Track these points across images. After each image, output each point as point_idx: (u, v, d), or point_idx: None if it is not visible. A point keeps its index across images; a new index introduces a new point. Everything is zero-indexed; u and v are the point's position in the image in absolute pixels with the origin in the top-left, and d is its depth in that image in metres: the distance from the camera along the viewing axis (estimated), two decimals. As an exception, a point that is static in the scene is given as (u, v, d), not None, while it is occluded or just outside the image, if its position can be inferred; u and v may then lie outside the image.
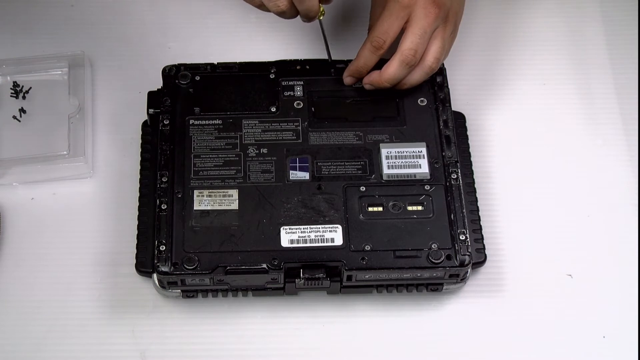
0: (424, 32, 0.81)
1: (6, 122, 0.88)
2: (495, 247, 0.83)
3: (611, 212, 0.85)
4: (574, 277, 0.83)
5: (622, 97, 0.91)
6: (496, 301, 0.81)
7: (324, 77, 0.87)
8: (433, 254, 0.78)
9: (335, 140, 0.83)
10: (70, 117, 0.88)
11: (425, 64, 0.83)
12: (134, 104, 0.89)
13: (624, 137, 0.89)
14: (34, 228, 0.84)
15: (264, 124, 0.84)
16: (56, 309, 0.81)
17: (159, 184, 0.81)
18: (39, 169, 0.85)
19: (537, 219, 0.85)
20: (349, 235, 0.78)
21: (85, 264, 0.82)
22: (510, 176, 0.87)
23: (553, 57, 0.94)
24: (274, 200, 0.80)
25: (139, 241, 0.80)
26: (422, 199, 0.80)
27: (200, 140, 0.83)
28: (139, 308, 0.81)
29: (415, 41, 0.81)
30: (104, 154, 0.88)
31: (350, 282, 0.79)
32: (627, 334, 0.80)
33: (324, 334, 0.80)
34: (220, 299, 0.81)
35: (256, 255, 0.78)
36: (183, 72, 0.86)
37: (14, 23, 0.95)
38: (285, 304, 0.81)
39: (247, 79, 0.86)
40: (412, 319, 0.81)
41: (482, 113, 0.90)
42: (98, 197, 0.86)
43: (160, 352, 0.79)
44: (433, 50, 0.83)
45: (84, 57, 0.91)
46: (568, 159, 0.88)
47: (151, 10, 0.96)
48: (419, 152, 0.83)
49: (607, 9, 0.96)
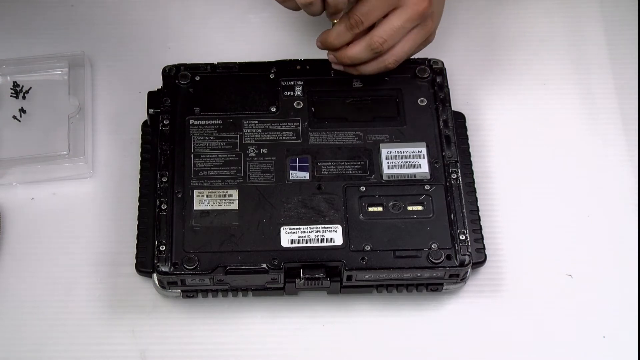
0: (402, 27, 0.81)
1: (6, 122, 0.88)
2: (495, 247, 0.83)
3: (611, 212, 0.85)
4: (574, 277, 0.83)
5: (622, 97, 0.91)
6: (496, 301, 0.81)
7: (324, 77, 0.87)
8: (433, 254, 0.78)
9: (335, 140, 0.83)
10: (70, 117, 0.88)
11: (384, 60, 0.83)
12: (134, 104, 0.89)
13: (624, 137, 0.89)
14: (34, 228, 0.84)
15: (264, 124, 0.84)
16: (56, 309, 0.81)
17: (159, 184, 0.81)
18: (39, 169, 0.85)
19: (537, 219, 0.85)
20: (349, 235, 0.78)
21: (85, 264, 0.82)
22: (510, 176, 0.87)
23: (553, 57, 0.94)
24: (274, 200, 0.80)
25: (139, 241, 0.80)
26: (422, 199, 0.80)
27: (200, 140, 0.83)
28: (139, 308, 0.81)
29: (389, 32, 0.81)
30: (104, 154, 0.88)
31: (350, 282, 0.79)
32: (627, 334, 0.80)
33: (324, 334, 0.80)
34: (220, 299, 0.81)
35: (256, 255, 0.78)
36: (183, 72, 0.86)
37: (14, 23, 0.95)
38: (285, 304, 0.81)
39: (247, 79, 0.86)
40: (412, 319, 0.81)
41: (482, 113, 0.90)
42: (98, 197, 0.86)
43: (160, 352, 0.79)
44: (398, 51, 0.83)
45: (84, 57, 0.91)
46: (568, 159, 0.88)
47: (151, 10, 0.96)
48: (419, 152, 0.83)
49: (607, 9, 0.96)
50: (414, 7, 0.81)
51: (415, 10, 0.81)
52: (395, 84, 0.86)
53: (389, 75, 0.86)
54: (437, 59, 0.87)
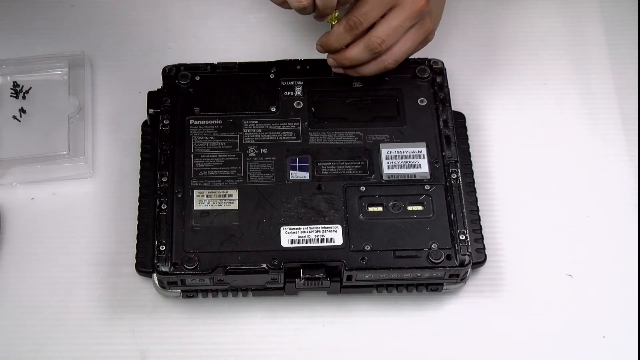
0: (400, 26, 0.81)
1: (6, 122, 0.88)
2: (495, 247, 0.83)
3: (611, 212, 0.85)
4: (574, 277, 0.83)
5: (622, 97, 0.91)
6: (496, 301, 0.81)
7: (324, 77, 0.87)
8: (433, 254, 0.78)
9: (335, 140, 0.83)
10: (70, 117, 0.88)
11: (384, 60, 0.83)
12: (134, 104, 0.89)
13: (624, 137, 0.89)
14: (34, 228, 0.84)
15: (264, 124, 0.84)
16: (56, 309, 0.81)
17: (159, 184, 0.81)
18: (39, 169, 0.85)
19: (537, 219, 0.85)
20: (349, 235, 0.78)
21: (85, 264, 0.82)
22: (510, 176, 0.87)
23: (553, 57, 0.94)
24: (274, 200, 0.80)
25: (139, 241, 0.80)
26: (422, 199, 0.80)
27: (200, 140, 0.83)
28: (139, 308, 0.81)
29: (387, 32, 0.81)
30: (104, 154, 0.88)
31: (350, 282, 0.79)
32: (627, 334, 0.80)
33: (324, 334, 0.80)
34: (220, 299, 0.81)
35: (256, 255, 0.78)
36: (183, 72, 0.86)
37: (14, 23, 0.95)
38: (285, 304, 0.81)
39: (247, 79, 0.86)
40: (412, 319, 0.81)
41: (482, 113, 0.90)
42: (98, 197, 0.86)
43: (160, 352, 0.79)
44: (397, 51, 0.83)
45: (84, 57, 0.91)
46: (568, 159, 0.88)
47: (151, 10, 0.96)
48: (419, 152, 0.83)
49: (607, 9, 0.96)
50: (412, 6, 0.81)
51: (412, 8, 0.81)
52: (395, 84, 0.86)
53: (389, 75, 0.86)
54: (437, 59, 0.87)
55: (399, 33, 0.82)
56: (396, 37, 0.82)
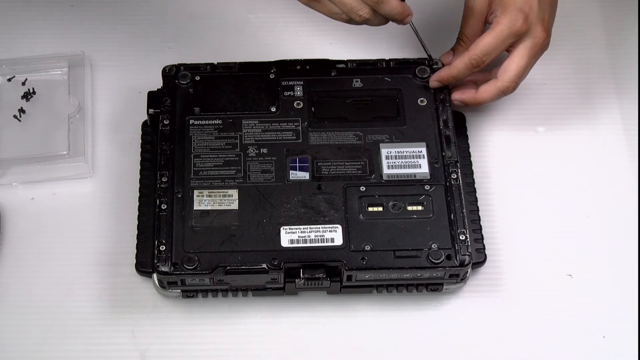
0: (528, 65, 0.83)
1: (6, 122, 0.88)
2: (495, 247, 0.83)
3: (611, 212, 0.85)
4: (574, 277, 0.83)
5: (622, 97, 0.91)
6: (496, 301, 0.81)
7: (324, 77, 0.87)
8: (433, 254, 0.78)
9: (335, 140, 0.83)
10: (70, 117, 0.88)
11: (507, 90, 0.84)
12: (134, 104, 0.89)
13: (624, 137, 0.89)
14: (34, 228, 0.84)
15: (264, 124, 0.84)
16: (56, 309, 0.81)
17: (159, 184, 0.81)
18: (39, 169, 0.85)
19: (537, 219, 0.85)
20: (349, 235, 0.78)
21: (85, 264, 0.82)
22: (510, 176, 0.87)
23: (553, 57, 0.94)
24: (274, 200, 0.80)
25: (139, 241, 0.80)
26: (422, 199, 0.80)
27: (200, 140, 0.83)
28: (139, 308, 0.81)
29: (519, 74, 0.83)
30: (104, 154, 0.88)
31: (350, 282, 0.79)
32: (627, 334, 0.80)
33: (324, 334, 0.80)
34: (220, 299, 0.81)
35: (256, 255, 0.78)
36: (183, 72, 0.86)
37: (14, 23, 0.95)
38: (285, 304, 0.81)
39: (247, 79, 0.86)
40: (412, 319, 0.81)
41: (482, 113, 0.90)
42: (98, 197, 0.86)
43: (160, 352, 0.79)
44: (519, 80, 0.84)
45: (84, 57, 0.91)
46: (568, 159, 0.88)
47: (151, 10, 0.96)
48: (419, 152, 0.83)
49: (607, 9, 0.96)
50: (534, 41, 0.83)
51: (535, 43, 0.83)
52: (395, 84, 0.86)
53: (389, 75, 0.86)
54: (437, 59, 0.87)
55: (527, 72, 0.84)
56: (525, 75, 0.84)
